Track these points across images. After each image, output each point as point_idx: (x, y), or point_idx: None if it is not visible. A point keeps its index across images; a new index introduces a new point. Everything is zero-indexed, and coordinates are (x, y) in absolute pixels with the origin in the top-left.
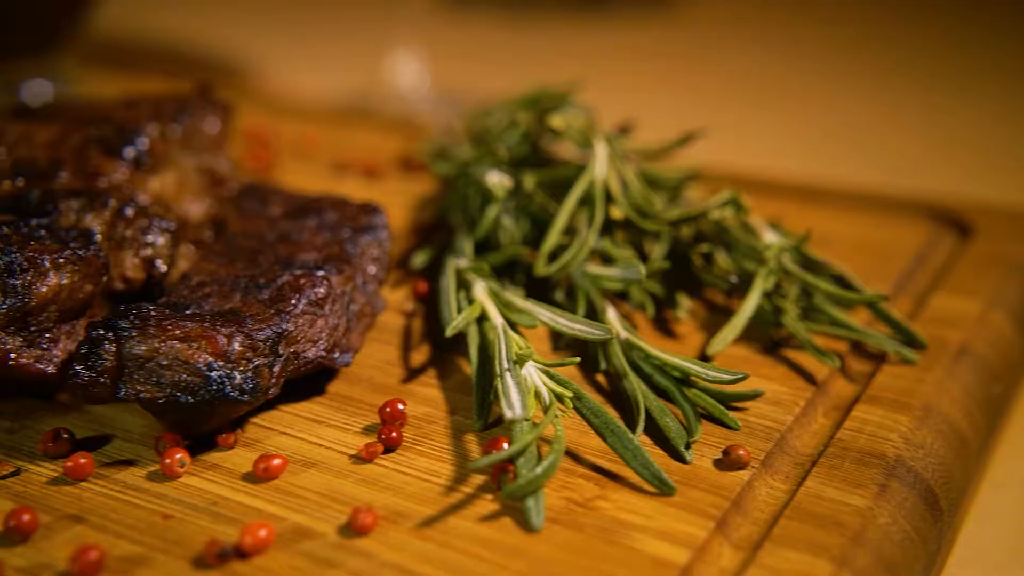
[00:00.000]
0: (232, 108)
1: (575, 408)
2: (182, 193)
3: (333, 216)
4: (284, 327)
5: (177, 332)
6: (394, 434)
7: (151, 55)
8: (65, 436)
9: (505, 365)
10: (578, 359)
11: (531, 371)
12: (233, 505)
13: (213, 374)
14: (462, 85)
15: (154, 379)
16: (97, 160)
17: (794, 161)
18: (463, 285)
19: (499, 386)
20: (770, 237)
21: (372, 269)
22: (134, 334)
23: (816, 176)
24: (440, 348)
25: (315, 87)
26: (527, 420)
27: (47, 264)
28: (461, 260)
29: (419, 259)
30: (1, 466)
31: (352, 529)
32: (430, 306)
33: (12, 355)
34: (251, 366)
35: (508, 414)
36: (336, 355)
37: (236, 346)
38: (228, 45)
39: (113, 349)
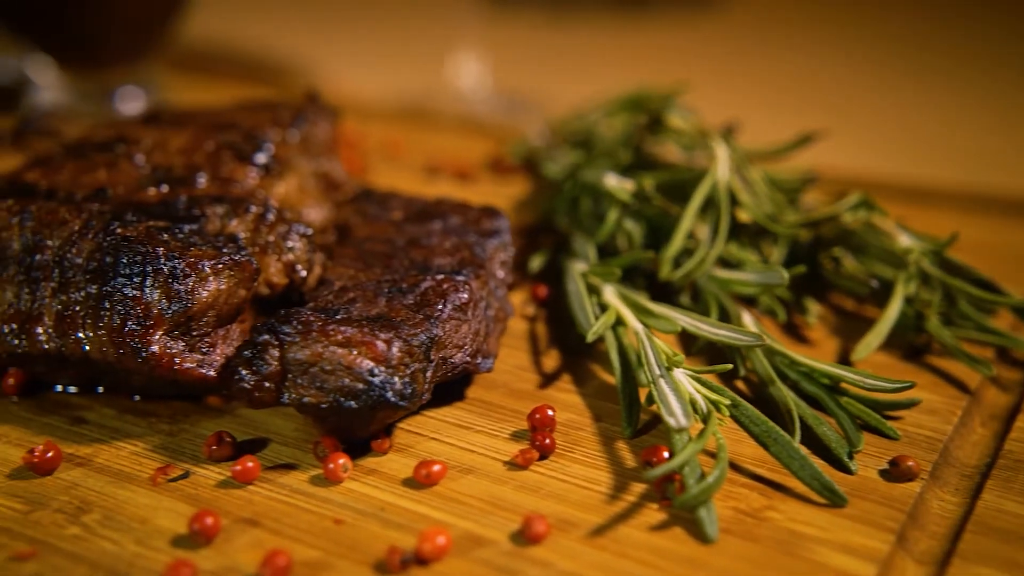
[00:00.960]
0: (340, 114)
1: (732, 416)
2: (303, 198)
3: (456, 220)
4: (435, 332)
5: (339, 338)
6: (548, 441)
7: (218, 60)
8: (228, 440)
9: (657, 372)
10: (730, 366)
11: (682, 378)
12: (400, 511)
13: (375, 379)
14: (511, 85)
15: (318, 384)
16: (231, 166)
17: (861, 160)
18: (590, 290)
19: (654, 393)
20: (906, 240)
21: (500, 273)
22: (297, 339)
23: (896, 175)
24: (571, 353)
25: (374, 90)
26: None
27: (207, 270)
28: (581, 264)
29: (536, 263)
30: (170, 469)
31: (525, 537)
32: (551, 310)
33: (177, 359)
34: (408, 371)
35: (672, 423)
36: (479, 360)
37: (395, 351)
38: (287, 48)
39: (277, 354)
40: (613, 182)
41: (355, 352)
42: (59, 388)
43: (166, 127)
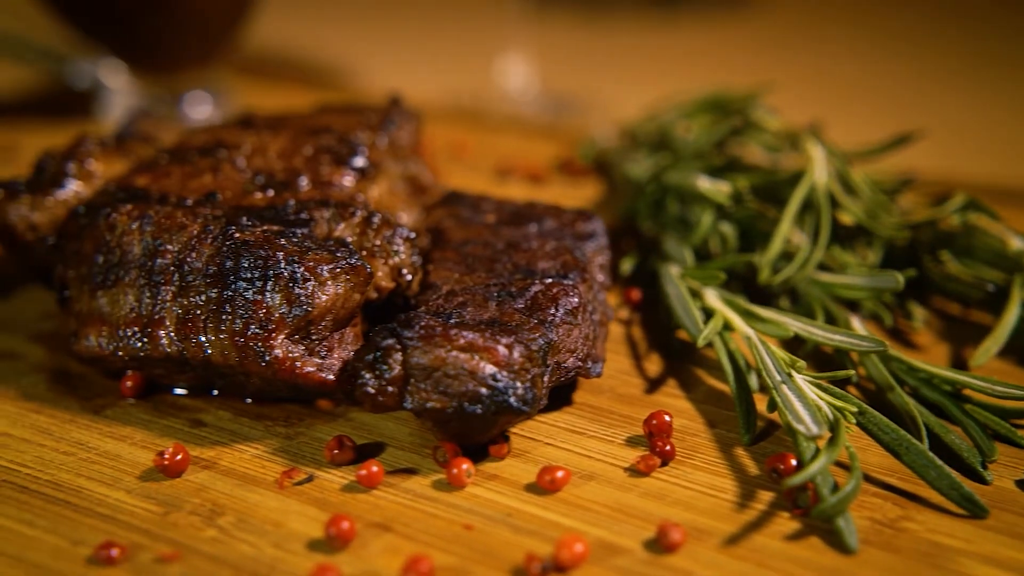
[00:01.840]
0: (422, 117)
1: (858, 424)
2: (394, 202)
3: (552, 223)
4: (551, 337)
5: (461, 342)
6: (668, 447)
7: (273, 64)
8: (348, 444)
9: (778, 378)
10: (852, 372)
11: (804, 384)
12: (528, 517)
13: (499, 384)
14: (552, 86)
15: (441, 389)
16: (329, 169)
17: (909, 160)
18: (691, 293)
19: (777, 400)
20: (1018, 243)
21: (600, 277)
22: (420, 344)
23: (976, 175)
24: (672, 357)
25: (424, 92)
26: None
27: (326, 274)
28: (676, 267)
29: (626, 266)
30: (294, 472)
31: (661, 545)
32: (646, 313)
33: (298, 363)
34: (529, 376)
35: (803, 430)
36: (589, 365)
37: (517, 356)
38: (334, 51)
39: (400, 358)
40: (707, 184)
41: (477, 357)
42: (178, 391)
43: (263, 131)
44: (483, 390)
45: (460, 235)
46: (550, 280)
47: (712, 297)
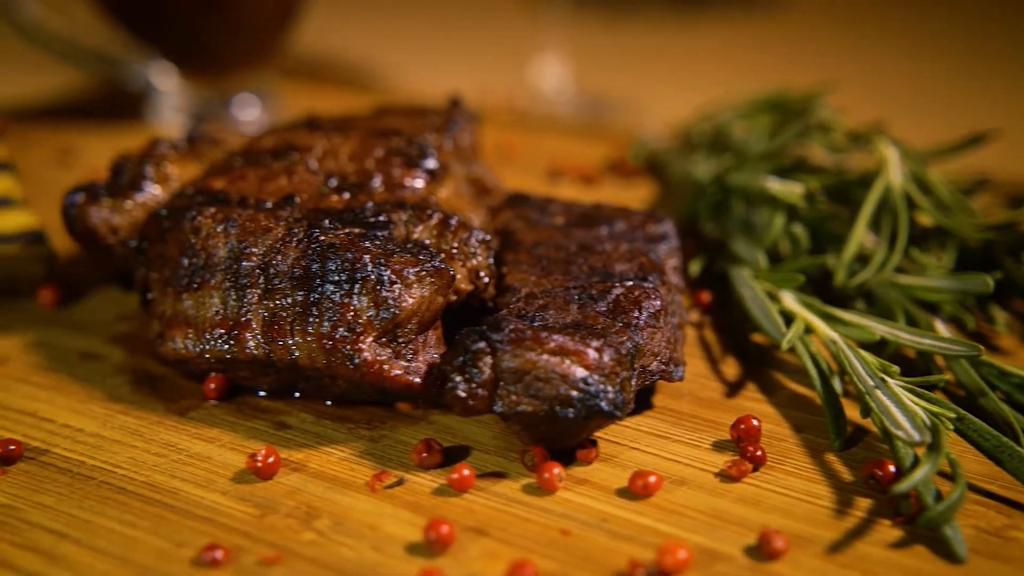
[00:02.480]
0: (481, 119)
1: (956, 430)
2: (460, 204)
3: (622, 225)
4: (637, 340)
5: (551, 345)
6: (759, 453)
7: (310, 65)
8: (436, 447)
9: (871, 383)
10: (944, 376)
11: (898, 389)
12: (623, 522)
13: (591, 388)
14: (584, 86)
15: (532, 392)
16: (401, 172)
17: (976, 161)
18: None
19: (872, 405)
20: None
21: (675, 279)
22: (509, 347)
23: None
24: (748, 361)
25: (457, 91)
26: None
27: (412, 277)
28: (748, 269)
29: (694, 268)
30: (385, 475)
31: (763, 552)
32: (717, 316)
33: (386, 366)
34: (618, 380)
35: (903, 436)
36: (671, 368)
37: (607, 360)
38: (366, 52)
39: (490, 361)
40: (777, 185)
41: (568, 360)
42: (258, 393)
43: (332, 134)
44: (574, 393)
45: (530, 237)
46: (631, 283)
47: (790, 300)
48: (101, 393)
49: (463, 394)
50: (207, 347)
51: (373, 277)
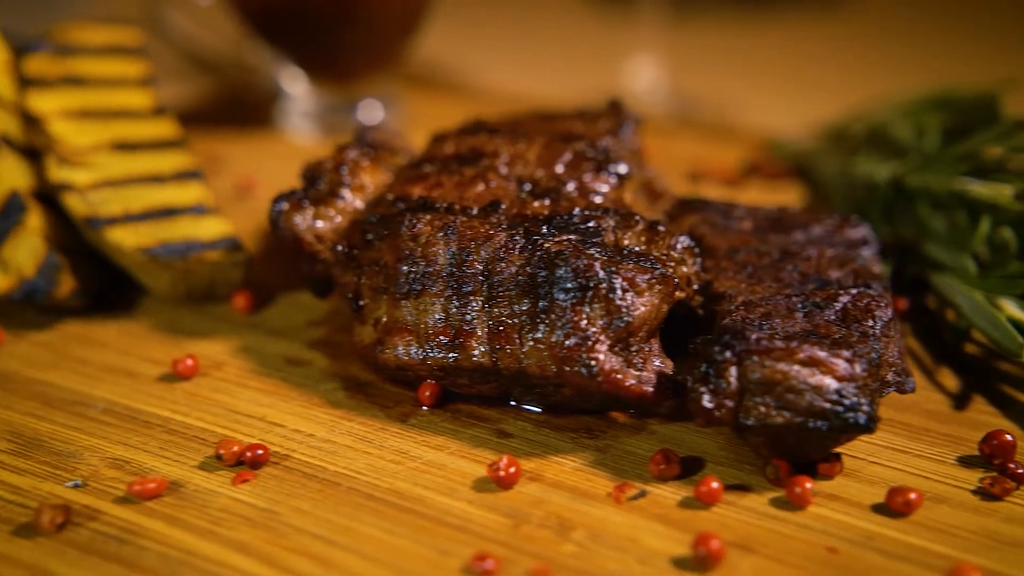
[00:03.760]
0: (643, 121)
1: None
2: (639, 208)
3: (818, 230)
4: (879, 350)
5: (802, 356)
6: (1020, 470)
7: (420, 71)
8: (675, 459)
9: None
10: None
11: None
12: (891, 541)
13: (846, 400)
14: (679, 86)
15: (782, 405)
16: (592, 177)
17: None
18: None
19: None
20: None
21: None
22: (757, 358)
23: None
24: (965, 370)
25: (557, 95)
26: None
27: (643, 284)
28: (951, 275)
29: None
30: (626, 486)
31: None
32: (914, 323)
33: (619, 375)
34: (868, 392)
35: None
36: (904, 379)
37: (859, 371)
38: (463, 56)
39: (735, 372)
40: (979, 187)
41: (819, 372)
42: (470, 401)
43: (515, 138)
44: (829, 406)
45: (723, 242)
46: (857, 291)
47: (1012, 307)
48: (319, 398)
49: (710, 405)
50: (430, 354)
51: (605, 285)
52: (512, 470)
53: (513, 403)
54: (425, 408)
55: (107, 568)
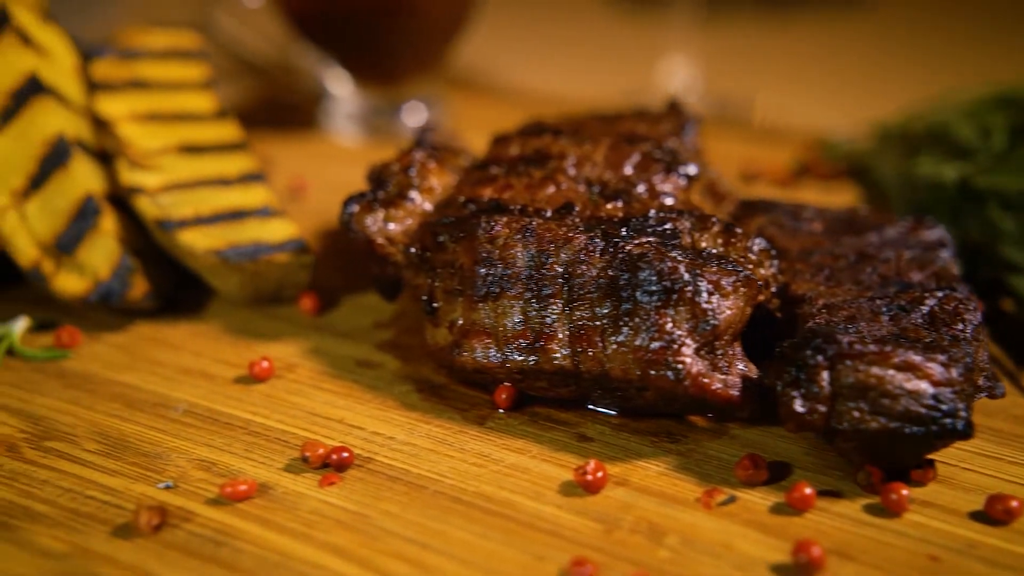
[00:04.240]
0: (702, 121)
1: None
2: (706, 210)
3: (892, 231)
4: (971, 354)
5: (897, 360)
6: None
7: (460, 73)
8: (763, 464)
9: None
10: None
11: None
12: (994, 550)
13: (944, 406)
14: (712, 87)
15: (877, 410)
16: (662, 178)
17: None
18: None
19: None
20: None
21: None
22: (851, 363)
23: None
24: None
25: (580, 95)
26: None
27: (728, 287)
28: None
29: None
30: (716, 492)
31: None
32: (993, 327)
33: (706, 379)
34: (964, 396)
35: None
36: (994, 383)
37: (956, 375)
38: (496, 57)
39: (827, 376)
40: None
41: (915, 376)
42: (545, 404)
43: (580, 140)
44: (925, 411)
45: (794, 244)
46: (943, 294)
47: None
48: (394, 401)
49: (802, 410)
50: (510, 357)
51: (691, 288)
52: (600, 474)
53: (590, 406)
54: (501, 411)
55: (206, 570)
